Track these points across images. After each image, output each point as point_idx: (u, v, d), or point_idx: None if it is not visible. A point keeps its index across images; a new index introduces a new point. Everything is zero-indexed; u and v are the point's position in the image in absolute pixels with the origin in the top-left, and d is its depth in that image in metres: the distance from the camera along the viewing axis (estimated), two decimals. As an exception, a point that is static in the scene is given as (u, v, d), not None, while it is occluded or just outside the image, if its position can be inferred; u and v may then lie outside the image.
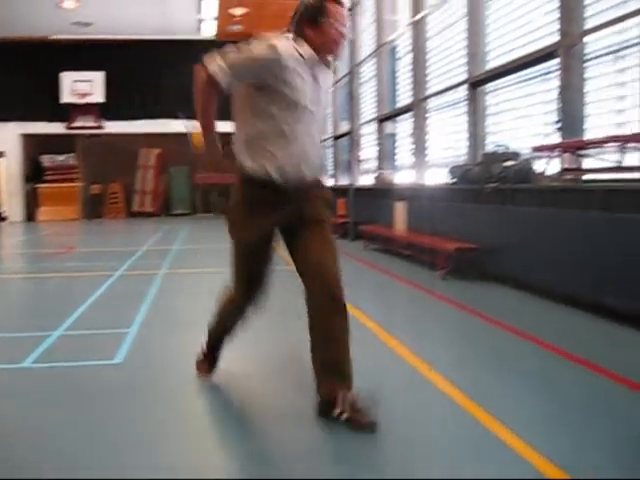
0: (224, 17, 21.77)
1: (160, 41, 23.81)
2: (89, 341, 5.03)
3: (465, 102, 9.60)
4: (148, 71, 23.84)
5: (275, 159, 3.19)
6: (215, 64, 3.08)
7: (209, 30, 23.58)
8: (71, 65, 23.10)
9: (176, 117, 16.69)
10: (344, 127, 17.49)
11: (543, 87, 7.56)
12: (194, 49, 24.30)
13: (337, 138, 18.34)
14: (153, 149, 25.00)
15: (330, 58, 3.36)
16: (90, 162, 24.36)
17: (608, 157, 6.03)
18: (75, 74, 23.34)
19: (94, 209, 24.41)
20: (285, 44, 3.14)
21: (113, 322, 5.61)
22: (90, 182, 24.51)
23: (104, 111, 23.68)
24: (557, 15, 7.01)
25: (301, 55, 3.17)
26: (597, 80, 6.62)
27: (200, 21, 22.61)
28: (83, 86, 23.44)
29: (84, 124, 23.74)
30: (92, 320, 5.76)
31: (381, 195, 12.29)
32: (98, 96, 23.62)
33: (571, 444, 2.88)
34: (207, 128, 3.32)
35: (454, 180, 8.89)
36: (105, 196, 24.90)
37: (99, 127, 23.86)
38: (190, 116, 3.74)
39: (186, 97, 21.18)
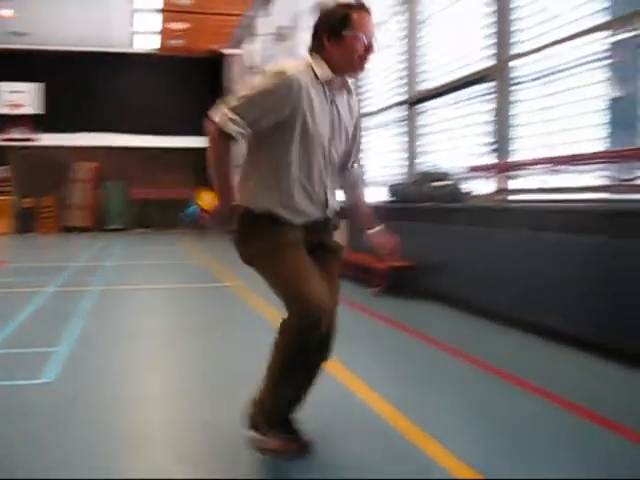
0: (166, 31, 21.73)
1: (97, 53, 23.59)
2: (17, 360, 4.88)
3: (404, 121, 9.75)
4: (85, 83, 23.54)
5: (291, 205, 2.79)
6: (222, 114, 2.67)
7: (142, 43, 23.53)
8: (5, 75, 22.61)
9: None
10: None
11: (478, 108, 7.74)
12: (131, 62, 24.45)
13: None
14: (89, 162, 24.56)
15: (351, 79, 2.92)
16: (23, 175, 23.78)
17: (540, 178, 6.23)
18: (8, 85, 22.86)
19: (26, 223, 23.77)
20: (295, 65, 2.73)
21: (45, 340, 5.46)
22: (22, 195, 23.88)
23: (39, 123, 23.21)
24: (493, 40, 7.22)
25: (316, 76, 2.73)
26: (529, 103, 6.83)
27: (133, 34, 22.50)
28: (16, 97, 22.96)
29: (17, 136, 23.22)
30: (22, 338, 5.60)
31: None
32: (32, 107, 23.16)
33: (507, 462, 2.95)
34: (224, 188, 2.80)
35: (393, 198, 9.00)
36: (38, 210, 24.30)
37: (30, 139, 23.36)
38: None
39: (122, 110, 20.93)
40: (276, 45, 18.17)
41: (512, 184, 6.84)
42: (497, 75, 7.06)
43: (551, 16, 6.41)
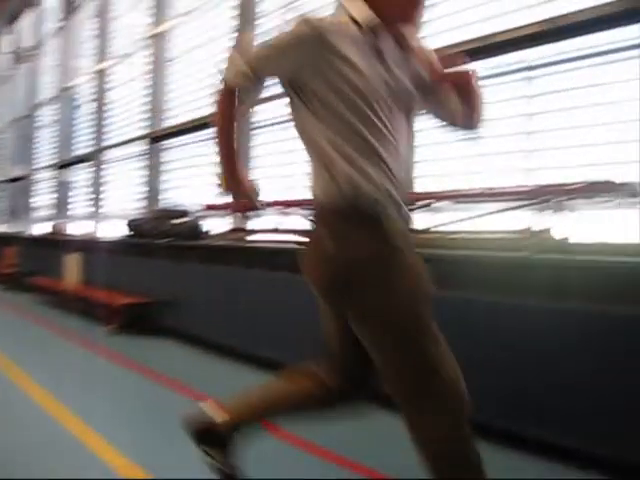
0: None
1: None
2: None
3: (145, 156, 9.62)
4: None
5: (371, 177, 2.09)
6: (233, 68, 2.20)
7: None
8: None
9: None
10: (18, 171, 16.39)
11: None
12: None
13: (11, 182, 17.15)
14: None
15: (405, 31, 2.26)
16: None
17: (274, 219, 6.47)
18: None
19: None
20: (324, 16, 2.16)
21: None
22: None
23: None
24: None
25: (356, 23, 2.14)
26: (267, 147, 7.11)
27: None
28: None
29: None
30: None
31: (56, 245, 11.68)
32: None
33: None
34: (224, 153, 2.30)
35: (131, 233, 8.81)
36: None
37: None
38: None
39: None
40: (15, 66, 17.15)
41: (249, 224, 7.03)
42: (237, 118, 7.24)
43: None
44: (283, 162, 6.80)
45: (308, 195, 2.26)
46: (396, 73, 2.20)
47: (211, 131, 2.32)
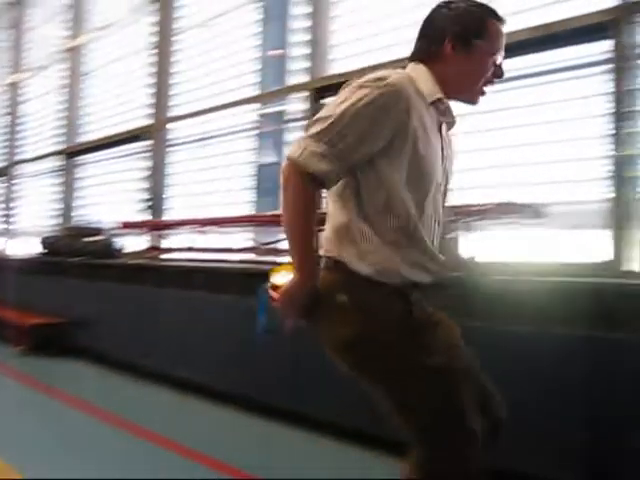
0: None
1: None
2: None
3: (60, 172, 9.39)
4: None
5: (404, 260, 1.98)
6: (302, 148, 1.87)
7: None
8: None
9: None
10: None
11: (136, 165, 7.77)
12: None
13: None
14: None
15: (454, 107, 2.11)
16: None
17: (190, 237, 6.42)
18: None
19: None
20: (399, 74, 1.93)
21: None
22: None
23: None
24: (152, 100, 7.34)
25: (420, 92, 1.97)
26: (184, 164, 7.05)
27: None
28: None
29: None
30: None
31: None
32: None
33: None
34: (307, 253, 1.93)
35: (44, 251, 8.57)
36: None
37: None
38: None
39: None
40: None
41: (165, 242, 6.95)
42: (154, 135, 7.17)
43: (207, 84, 6.73)
44: (197, 180, 6.76)
45: (224, 213, 2.24)
46: (450, 152, 2.14)
47: (125, 148, 2.23)
